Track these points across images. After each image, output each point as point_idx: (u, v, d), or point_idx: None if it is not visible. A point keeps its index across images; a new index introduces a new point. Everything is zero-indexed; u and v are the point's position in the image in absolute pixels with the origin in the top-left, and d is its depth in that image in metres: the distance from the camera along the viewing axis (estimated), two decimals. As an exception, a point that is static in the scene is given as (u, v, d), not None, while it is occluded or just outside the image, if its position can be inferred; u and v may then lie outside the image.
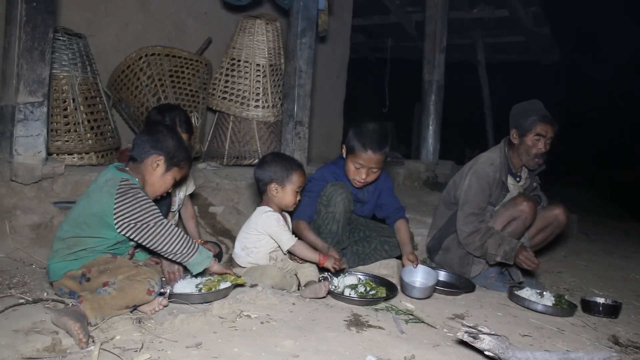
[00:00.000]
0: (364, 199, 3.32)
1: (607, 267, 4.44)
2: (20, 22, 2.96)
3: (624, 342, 2.59)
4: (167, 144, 2.48)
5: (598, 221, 6.73)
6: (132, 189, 2.31)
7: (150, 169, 2.46)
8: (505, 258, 3.18)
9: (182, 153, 2.52)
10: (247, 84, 4.61)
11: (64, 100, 3.61)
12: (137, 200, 2.29)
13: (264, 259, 2.88)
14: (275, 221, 2.86)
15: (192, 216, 3.27)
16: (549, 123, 3.34)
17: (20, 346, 1.81)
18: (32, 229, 3.00)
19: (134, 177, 2.40)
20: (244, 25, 4.71)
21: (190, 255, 2.37)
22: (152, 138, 2.48)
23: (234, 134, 4.63)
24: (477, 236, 3.26)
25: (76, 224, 2.30)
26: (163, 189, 2.53)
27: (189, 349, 1.92)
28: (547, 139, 3.34)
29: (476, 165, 3.43)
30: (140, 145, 2.47)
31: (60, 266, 2.29)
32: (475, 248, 3.28)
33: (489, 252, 3.22)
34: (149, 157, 2.45)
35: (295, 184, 2.89)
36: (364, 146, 3.06)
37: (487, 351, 1.96)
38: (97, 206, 2.27)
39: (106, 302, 2.07)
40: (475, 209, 3.32)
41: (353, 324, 2.35)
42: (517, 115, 3.42)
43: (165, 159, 2.46)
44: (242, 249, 2.89)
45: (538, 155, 3.36)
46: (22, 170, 3.02)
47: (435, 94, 6.52)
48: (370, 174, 3.14)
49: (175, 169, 2.51)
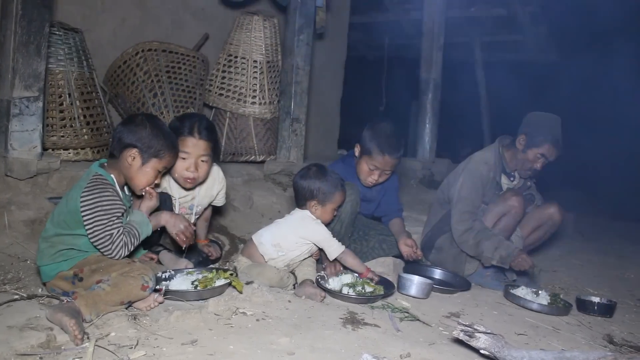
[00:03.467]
0: (372, 198, 3.32)
1: (602, 267, 4.45)
2: (16, 16, 2.94)
3: (619, 341, 2.60)
4: (141, 134, 2.34)
5: (593, 220, 6.75)
6: (100, 186, 2.24)
7: (126, 163, 2.34)
8: (501, 262, 3.19)
9: (159, 141, 2.37)
10: (244, 80, 4.60)
11: (60, 95, 3.59)
12: (100, 199, 2.22)
13: (283, 262, 2.83)
14: (325, 228, 2.86)
15: (206, 219, 3.17)
16: (557, 149, 3.31)
17: (14, 342, 1.80)
18: (26, 224, 2.98)
19: (109, 174, 2.33)
20: (241, 21, 4.70)
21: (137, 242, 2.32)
22: (125, 129, 2.37)
23: (230, 131, 4.62)
24: (470, 234, 3.26)
25: (57, 222, 2.27)
26: (146, 182, 2.39)
27: (185, 346, 1.91)
28: (547, 161, 3.33)
29: (470, 164, 3.44)
30: (115, 139, 2.37)
31: (50, 268, 2.27)
32: (469, 247, 3.28)
33: (485, 255, 3.22)
34: (124, 150, 2.34)
35: (336, 203, 2.89)
36: (382, 150, 3.06)
37: (482, 350, 1.97)
38: (72, 202, 2.24)
39: (101, 299, 2.06)
40: (469, 207, 3.32)
41: (349, 321, 2.35)
42: (533, 125, 3.35)
43: (139, 151, 2.34)
44: (274, 245, 2.81)
45: (532, 170, 3.37)
46: (17, 166, 3.00)
47: (432, 92, 6.51)
48: (383, 176, 3.17)
49: (154, 159, 2.37)
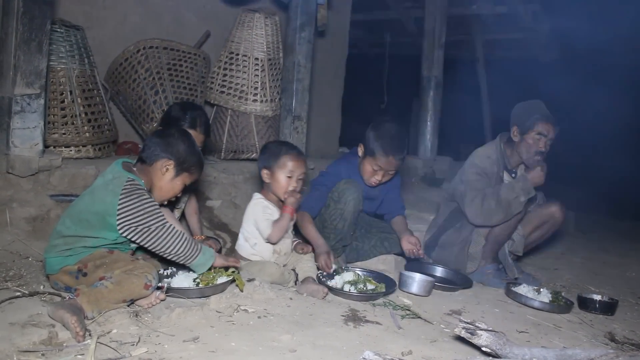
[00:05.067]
0: (374, 196, 3.31)
1: (604, 265, 4.46)
2: (18, 13, 2.94)
3: (620, 339, 2.61)
4: (179, 148, 2.44)
5: (595, 219, 6.75)
6: (137, 190, 2.27)
7: (160, 173, 2.42)
8: (527, 193, 3.21)
9: (193, 158, 2.49)
10: (245, 78, 4.59)
11: (62, 92, 3.59)
12: (141, 202, 2.25)
13: (268, 251, 2.83)
14: (261, 209, 2.79)
15: (195, 212, 3.24)
16: (551, 123, 3.33)
17: (16, 339, 1.80)
18: (28, 221, 2.98)
19: (140, 179, 2.35)
20: (242, 19, 4.68)
21: (193, 257, 2.35)
22: (163, 141, 2.44)
23: (231, 128, 4.61)
24: (487, 201, 3.24)
25: (78, 220, 2.27)
26: (171, 194, 2.50)
27: (186, 343, 1.91)
28: (548, 139, 3.33)
29: (472, 158, 3.46)
30: (151, 148, 2.44)
31: (56, 261, 2.28)
32: (495, 210, 3.23)
33: (512, 203, 3.20)
34: (159, 160, 2.42)
35: (286, 168, 2.78)
36: (386, 152, 3.04)
37: (484, 347, 1.97)
38: (101, 205, 2.24)
39: (103, 296, 2.06)
40: (478, 191, 3.30)
41: (350, 319, 2.35)
42: (519, 113, 3.42)
43: (175, 164, 2.43)
44: (245, 240, 2.85)
45: (538, 153, 3.35)
46: (19, 163, 3.00)
47: (434, 90, 6.51)
48: (386, 176, 3.15)
49: (185, 174, 2.47)
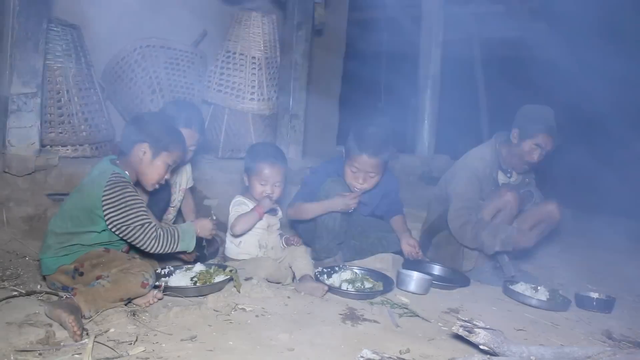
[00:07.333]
0: (365, 202, 3.22)
1: (601, 263, 4.45)
2: (14, 12, 2.93)
3: (617, 337, 2.61)
4: (150, 129, 2.43)
5: (592, 217, 6.75)
6: (121, 183, 2.27)
7: (138, 159, 2.41)
8: (504, 246, 3.18)
9: (168, 136, 2.46)
10: (242, 76, 4.58)
11: (58, 91, 3.58)
12: (124, 196, 2.25)
13: (253, 246, 2.88)
14: (237, 204, 2.87)
15: (192, 210, 3.26)
16: (552, 136, 3.27)
17: (13, 339, 1.80)
18: (25, 220, 2.98)
19: (124, 171, 2.36)
20: (239, 17, 4.67)
21: (175, 246, 2.35)
22: (135, 127, 2.45)
23: (229, 127, 4.60)
24: (468, 227, 3.25)
25: (69, 217, 2.28)
26: (157, 177, 2.45)
27: (184, 342, 1.91)
28: (544, 151, 3.29)
29: (466, 159, 3.44)
30: (126, 137, 2.44)
31: (52, 261, 2.28)
32: (469, 240, 3.27)
33: (486, 244, 3.22)
34: (135, 146, 2.41)
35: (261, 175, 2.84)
36: (360, 149, 2.95)
37: (482, 345, 1.97)
38: (88, 200, 2.25)
39: (100, 295, 2.07)
40: (465, 202, 3.30)
41: (348, 317, 2.35)
42: (525, 117, 3.34)
43: (150, 145, 2.41)
44: (231, 241, 2.91)
45: (529, 163, 3.33)
46: (16, 162, 2.99)
47: (431, 89, 6.52)
48: (367, 180, 3.02)
49: (164, 153, 2.44)
